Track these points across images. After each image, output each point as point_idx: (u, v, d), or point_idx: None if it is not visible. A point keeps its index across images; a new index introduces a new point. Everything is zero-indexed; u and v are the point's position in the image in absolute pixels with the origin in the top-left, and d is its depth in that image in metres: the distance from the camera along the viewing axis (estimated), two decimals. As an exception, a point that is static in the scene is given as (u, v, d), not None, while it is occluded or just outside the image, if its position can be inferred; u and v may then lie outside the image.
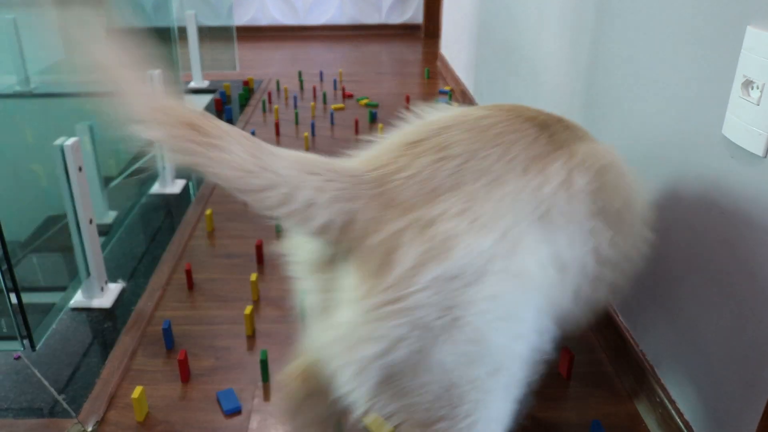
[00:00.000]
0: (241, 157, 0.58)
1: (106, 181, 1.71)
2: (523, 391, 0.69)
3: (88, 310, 1.31)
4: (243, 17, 4.30)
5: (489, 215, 0.63)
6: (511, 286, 0.63)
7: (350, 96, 2.87)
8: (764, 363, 0.76)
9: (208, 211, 1.64)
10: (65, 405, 1.05)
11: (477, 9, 2.58)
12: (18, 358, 1.16)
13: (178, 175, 1.97)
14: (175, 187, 1.88)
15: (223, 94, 2.80)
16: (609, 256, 0.78)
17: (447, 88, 2.97)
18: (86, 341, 1.21)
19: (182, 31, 2.87)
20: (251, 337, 1.23)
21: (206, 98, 2.87)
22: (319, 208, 0.60)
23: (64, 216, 1.25)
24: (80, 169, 1.21)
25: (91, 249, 1.28)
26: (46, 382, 1.10)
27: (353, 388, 0.63)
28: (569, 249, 0.71)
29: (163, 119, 0.57)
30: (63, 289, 1.37)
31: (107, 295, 1.34)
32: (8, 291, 1.06)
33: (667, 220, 0.99)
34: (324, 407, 0.82)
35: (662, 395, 0.99)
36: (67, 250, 1.35)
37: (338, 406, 0.78)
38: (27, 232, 1.52)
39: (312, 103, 2.59)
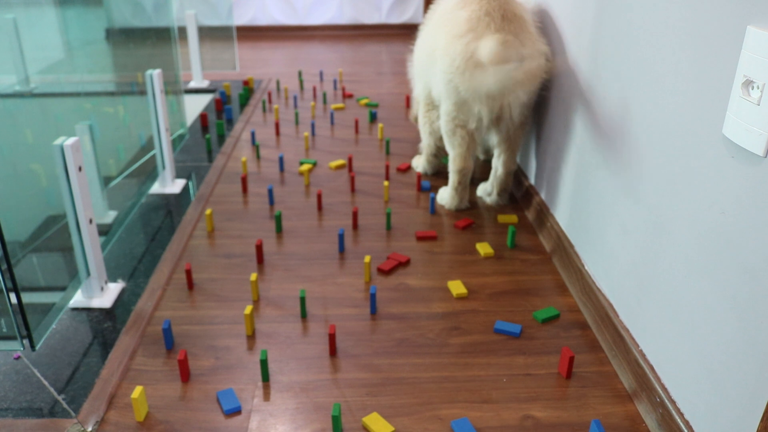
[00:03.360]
0: None
1: (106, 181, 1.71)
2: None
3: (88, 310, 1.31)
4: (243, 17, 4.30)
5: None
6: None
7: (350, 96, 2.87)
8: (764, 363, 0.76)
9: (208, 211, 1.64)
10: (65, 405, 1.05)
11: (477, 9, 2.58)
12: (18, 358, 1.16)
13: (178, 174, 1.97)
14: (175, 187, 1.88)
15: (223, 94, 2.79)
16: None
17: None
18: (86, 341, 1.21)
19: (182, 31, 2.87)
20: (251, 337, 1.23)
21: (206, 98, 2.87)
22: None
23: (64, 216, 1.25)
24: (80, 169, 1.22)
25: (91, 249, 1.28)
26: (46, 382, 1.10)
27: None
28: None
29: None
30: (63, 289, 1.37)
31: (107, 295, 1.34)
32: (8, 291, 1.06)
33: (667, 220, 0.99)
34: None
35: (662, 395, 0.99)
36: (67, 250, 1.35)
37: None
38: (27, 232, 1.52)
39: (312, 103, 2.59)
